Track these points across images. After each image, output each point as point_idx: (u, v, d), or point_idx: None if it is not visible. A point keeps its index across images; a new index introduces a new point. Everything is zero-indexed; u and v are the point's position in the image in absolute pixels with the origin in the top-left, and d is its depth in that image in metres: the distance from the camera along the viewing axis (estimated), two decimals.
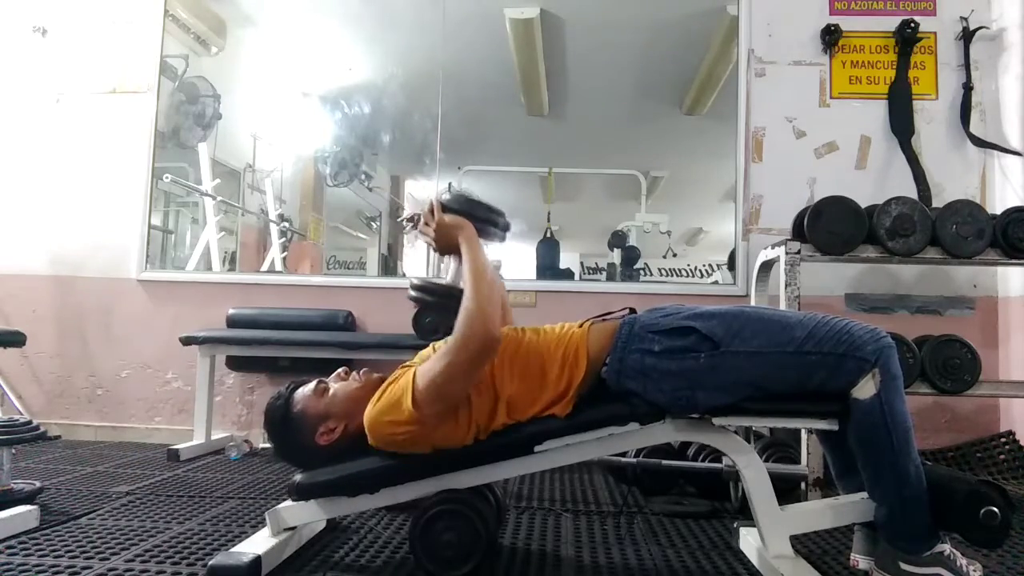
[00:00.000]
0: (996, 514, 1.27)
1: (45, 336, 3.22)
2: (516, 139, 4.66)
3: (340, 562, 1.52)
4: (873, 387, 1.30)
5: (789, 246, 2.27)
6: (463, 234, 1.46)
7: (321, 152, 4.28)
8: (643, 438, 1.50)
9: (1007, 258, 2.24)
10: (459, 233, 1.46)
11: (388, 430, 1.40)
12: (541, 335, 1.50)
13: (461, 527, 1.41)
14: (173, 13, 3.47)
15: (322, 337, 2.86)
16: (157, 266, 3.40)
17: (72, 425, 3.17)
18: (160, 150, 3.36)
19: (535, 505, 2.07)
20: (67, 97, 3.36)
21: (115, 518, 1.82)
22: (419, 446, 1.42)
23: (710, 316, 1.39)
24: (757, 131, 3.08)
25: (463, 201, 1.51)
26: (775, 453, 2.25)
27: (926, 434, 2.88)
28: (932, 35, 3.04)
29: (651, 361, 1.38)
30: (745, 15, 3.14)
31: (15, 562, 1.45)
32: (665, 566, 1.54)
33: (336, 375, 1.58)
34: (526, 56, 3.97)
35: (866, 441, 1.34)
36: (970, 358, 2.27)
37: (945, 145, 3.01)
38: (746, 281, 2.95)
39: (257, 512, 1.91)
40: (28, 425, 1.94)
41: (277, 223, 4.24)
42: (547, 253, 4.20)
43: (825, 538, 1.76)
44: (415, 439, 1.40)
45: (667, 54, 4.07)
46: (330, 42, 4.05)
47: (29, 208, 3.33)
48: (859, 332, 1.33)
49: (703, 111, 4.11)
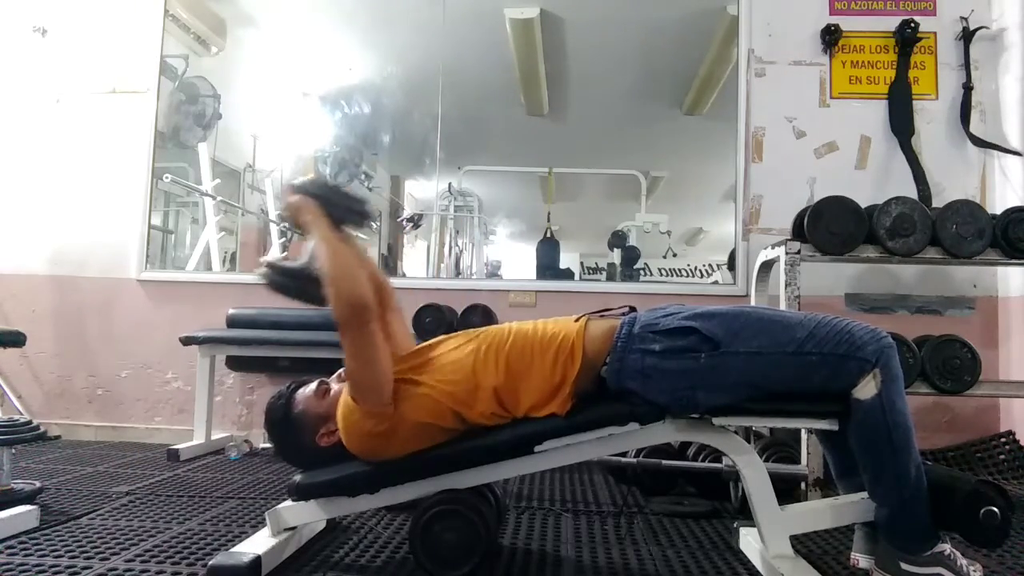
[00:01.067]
0: (996, 514, 1.27)
1: (45, 336, 3.22)
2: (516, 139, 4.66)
3: (340, 562, 1.52)
4: (874, 387, 1.30)
5: (789, 246, 2.27)
6: (307, 215, 1.45)
7: (321, 152, 4.27)
8: (643, 438, 1.50)
9: (1007, 258, 2.24)
10: (302, 214, 1.46)
11: (355, 436, 1.43)
12: (533, 328, 1.50)
13: (461, 527, 1.41)
14: (173, 13, 3.47)
15: (322, 337, 2.85)
16: (157, 266, 3.41)
17: (72, 425, 3.18)
18: (160, 150, 3.37)
19: (535, 505, 2.07)
20: (67, 97, 3.36)
21: (115, 518, 1.82)
22: (393, 444, 1.42)
23: (710, 316, 1.39)
24: (757, 131, 3.08)
25: (317, 185, 1.52)
26: (775, 453, 2.25)
27: (926, 434, 2.88)
28: (932, 35, 3.04)
29: (651, 361, 1.38)
30: (745, 15, 3.14)
31: (15, 562, 1.45)
32: (665, 566, 1.54)
33: (337, 375, 1.58)
34: (526, 56, 3.97)
35: (867, 441, 1.34)
36: (970, 358, 2.27)
37: (945, 145, 3.01)
38: (746, 281, 2.95)
39: (257, 512, 1.91)
40: (28, 425, 1.94)
41: (277, 223, 4.24)
42: (547, 253, 4.20)
43: (825, 538, 1.76)
44: (383, 436, 1.41)
45: (667, 54, 4.07)
46: (330, 42, 4.05)
47: (29, 208, 3.33)
48: (860, 332, 1.33)
49: (703, 111, 4.11)
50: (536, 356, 1.43)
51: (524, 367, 1.43)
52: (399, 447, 1.43)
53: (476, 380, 1.42)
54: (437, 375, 1.44)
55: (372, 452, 1.44)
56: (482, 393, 1.42)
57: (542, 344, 1.44)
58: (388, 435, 1.41)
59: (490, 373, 1.42)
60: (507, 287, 3.24)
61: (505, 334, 1.48)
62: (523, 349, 1.44)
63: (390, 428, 1.41)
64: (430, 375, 1.44)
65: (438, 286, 3.27)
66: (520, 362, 1.43)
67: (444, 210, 4.32)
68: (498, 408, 1.43)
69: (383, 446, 1.43)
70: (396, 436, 1.42)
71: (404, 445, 1.43)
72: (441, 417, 1.42)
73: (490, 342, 1.46)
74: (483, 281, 4.27)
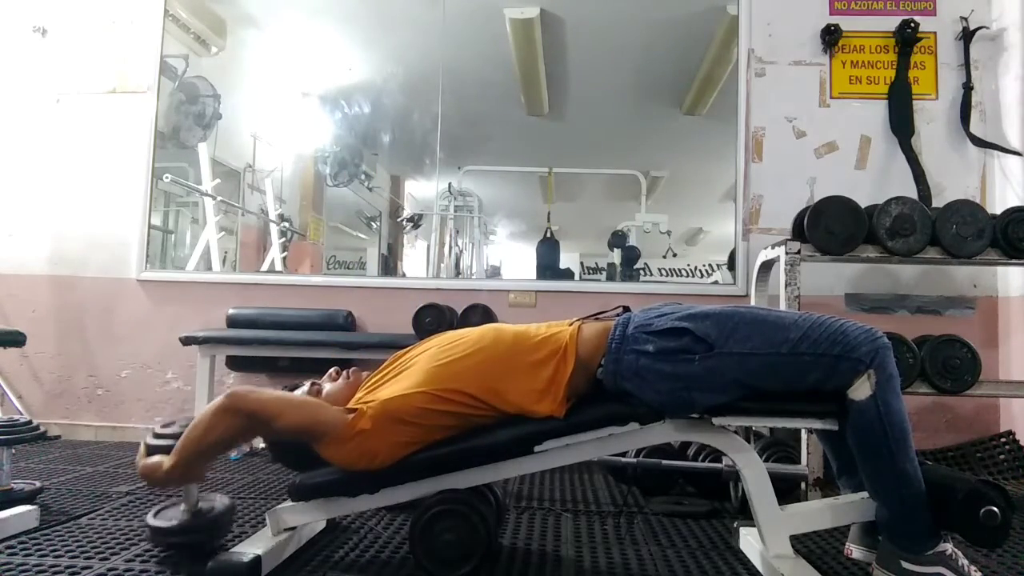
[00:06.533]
0: (996, 514, 1.27)
1: (45, 336, 3.22)
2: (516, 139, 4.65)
3: (340, 562, 1.52)
4: (869, 388, 1.30)
5: (789, 246, 2.27)
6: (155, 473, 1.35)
7: (321, 152, 4.27)
8: (643, 438, 1.50)
9: (1007, 258, 2.24)
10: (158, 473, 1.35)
11: (344, 460, 1.41)
12: (523, 328, 1.51)
13: (461, 527, 1.41)
14: (173, 13, 3.47)
15: (322, 337, 2.86)
16: (157, 266, 3.40)
17: (72, 425, 3.18)
18: (160, 150, 3.37)
19: (535, 505, 2.07)
20: (67, 97, 3.37)
21: (115, 518, 1.83)
22: (380, 452, 1.40)
23: (704, 317, 1.39)
24: (757, 131, 3.08)
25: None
26: (775, 453, 2.25)
27: (926, 434, 2.88)
28: (932, 35, 3.04)
29: (646, 362, 1.38)
30: (745, 15, 3.14)
31: (15, 562, 1.45)
32: (665, 566, 1.54)
33: (328, 376, 1.59)
34: (526, 56, 3.97)
35: (864, 442, 1.34)
36: (970, 358, 2.27)
37: (945, 145, 3.01)
38: (746, 281, 2.95)
39: (257, 512, 1.91)
40: (28, 425, 1.94)
41: (277, 223, 4.24)
42: (547, 253, 4.20)
43: (825, 538, 1.76)
44: (364, 451, 1.39)
45: (667, 54, 4.07)
46: (330, 42, 4.05)
47: (29, 208, 3.33)
48: (854, 333, 1.32)
49: (703, 111, 4.11)
50: (524, 352, 1.43)
51: (507, 361, 1.42)
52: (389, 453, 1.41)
53: (450, 369, 1.42)
54: (404, 381, 1.43)
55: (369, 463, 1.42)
56: (458, 380, 1.40)
57: (532, 342, 1.45)
58: (370, 449, 1.39)
59: (471, 377, 1.41)
60: (507, 287, 3.24)
61: (487, 329, 1.50)
62: (508, 344, 1.45)
63: (367, 444, 1.38)
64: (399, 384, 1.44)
65: (438, 286, 3.26)
66: (502, 354, 1.43)
67: (444, 210, 4.32)
68: (480, 404, 1.41)
69: (370, 454, 1.40)
70: (382, 446, 1.39)
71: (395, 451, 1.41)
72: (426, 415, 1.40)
73: (470, 340, 1.47)
74: (483, 281, 4.27)
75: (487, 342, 1.46)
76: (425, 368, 1.44)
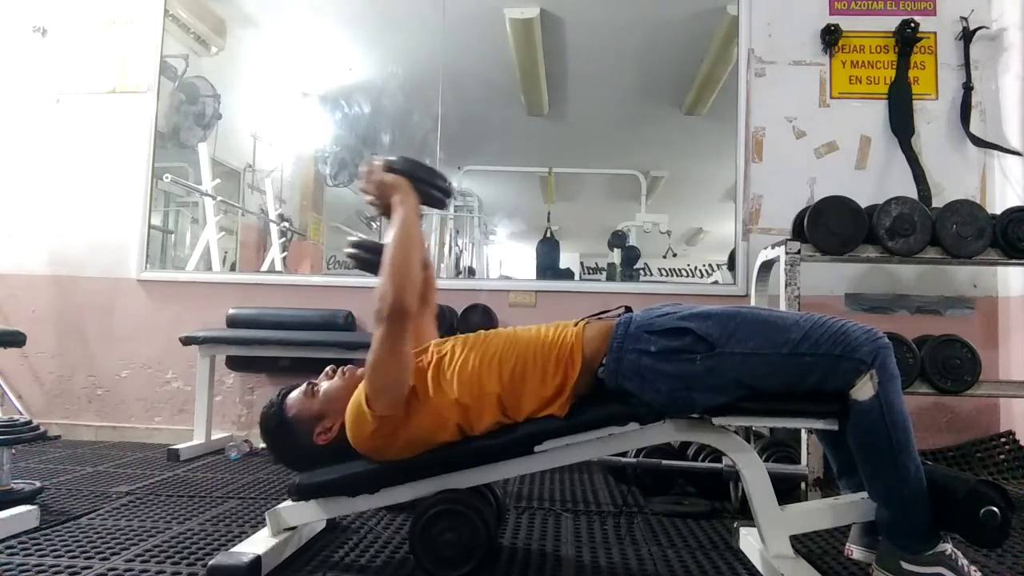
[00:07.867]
0: (996, 514, 1.27)
1: (45, 336, 3.22)
2: (516, 139, 4.65)
3: (340, 562, 1.52)
4: (871, 388, 1.30)
5: (789, 246, 2.27)
6: (399, 194, 1.45)
7: (321, 152, 4.27)
8: (643, 438, 1.49)
9: (1007, 258, 2.24)
10: (395, 192, 1.45)
11: (359, 435, 1.43)
12: (534, 334, 1.50)
13: (461, 527, 1.41)
14: (173, 13, 3.47)
15: (322, 337, 2.86)
16: (157, 266, 3.40)
17: (72, 425, 3.18)
18: (160, 150, 3.36)
19: (535, 505, 2.07)
20: (67, 97, 3.37)
21: (115, 518, 1.82)
22: (392, 447, 1.42)
23: (706, 316, 1.39)
24: (757, 131, 3.08)
25: (406, 163, 1.51)
26: (775, 453, 2.25)
27: (926, 434, 2.88)
28: (932, 35, 3.04)
29: (647, 362, 1.38)
30: (745, 15, 3.14)
31: (15, 562, 1.45)
32: (665, 566, 1.54)
33: (324, 374, 1.60)
34: (526, 56, 3.97)
35: (865, 442, 1.34)
36: (970, 358, 2.27)
37: (945, 145, 3.01)
38: (746, 281, 2.95)
39: (257, 512, 1.91)
40: (28, 425, 1.94)
41: (277, 223, 4.24)
42: (547, 253, 4.20)
43: (825, 538, 1.76)
44: (386, 438, 1.41)
45: (667, 54, 4.07)
46: (330, 42, 4.05)
47: (29, 208, 3.33)
48: (856, 333, 1.32)
49: (703, 111, 4.11)
50: (538, 361, 1.43)
51: (526, 373, 1.42)
52: (396, 452, 1.44)
53: (481, 387, 1.42)
54: (446, 387, 1.43)
55: (374, 451, 1.45)
56: (487, 400, 1.41)
57: (543, 349, 1.44)
58: (389, 439, 1.41)
59: (494, 380, 1.42)
60: (507, 287, 3.24)
61: (506, 340, 1.48)
62: (525, 355, 1.44)
63: (392, 431, 1.41)
64: (439, 387, 1.44)
65: (438, 286, 3.24)
66: (522, 368, 1.43)
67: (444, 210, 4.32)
68: (502, 417, 1.43)
69: (384, 447, 1.43)
70: (396, 441, 1.42)
71: (401, 451, 1.44)
72: (444, 430, 1.43)
73: (494, 349, 1.46)
74: (483, 281, 4.27)
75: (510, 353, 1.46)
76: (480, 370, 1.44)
